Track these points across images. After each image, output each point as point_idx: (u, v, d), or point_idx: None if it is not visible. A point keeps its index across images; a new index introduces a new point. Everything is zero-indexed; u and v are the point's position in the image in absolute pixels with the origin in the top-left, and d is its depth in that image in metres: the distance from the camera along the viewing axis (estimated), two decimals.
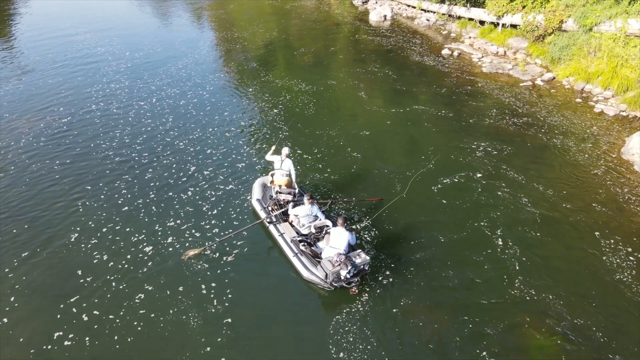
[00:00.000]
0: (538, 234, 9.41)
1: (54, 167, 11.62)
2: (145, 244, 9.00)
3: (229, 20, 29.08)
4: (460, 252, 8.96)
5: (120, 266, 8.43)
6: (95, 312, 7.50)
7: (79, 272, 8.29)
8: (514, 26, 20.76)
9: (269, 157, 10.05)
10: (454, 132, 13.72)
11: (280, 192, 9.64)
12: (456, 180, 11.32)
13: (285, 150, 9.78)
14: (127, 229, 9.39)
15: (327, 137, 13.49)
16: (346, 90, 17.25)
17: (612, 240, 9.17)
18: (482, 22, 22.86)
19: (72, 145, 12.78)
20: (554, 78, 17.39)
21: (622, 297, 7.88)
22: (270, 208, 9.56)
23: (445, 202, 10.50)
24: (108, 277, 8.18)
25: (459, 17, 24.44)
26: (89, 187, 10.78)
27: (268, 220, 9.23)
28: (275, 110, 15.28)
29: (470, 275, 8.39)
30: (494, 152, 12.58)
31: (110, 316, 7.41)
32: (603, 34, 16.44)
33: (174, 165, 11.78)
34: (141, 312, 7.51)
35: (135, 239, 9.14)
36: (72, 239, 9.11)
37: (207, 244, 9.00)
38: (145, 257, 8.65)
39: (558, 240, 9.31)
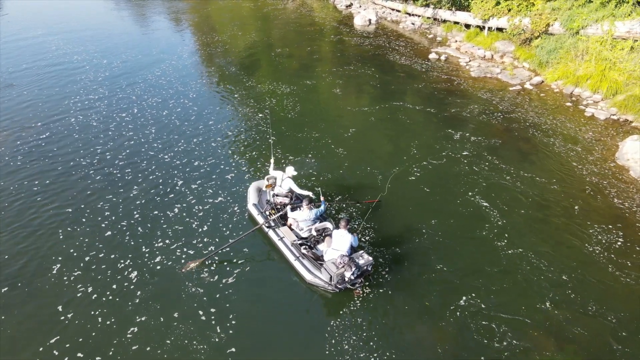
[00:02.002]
0: (536, 233, 9.26)
1: (32, 188, 10.86)
2: (132, 271, 8.38)
3: (207, 24, 28.43)
4: (458, 244, 9.12)
5: (105, 299, 7.78)
6: (79, 354, 6.82)
7: (59, 309, 7.58)
8: (500, 29, 20.71)
9: (271, 172, 9.80)
10: (444, 134, 13.46)
11: (277, 195, 9.50)
12: (446, 175, 11.55)
13: (290, 171, 9.44)
14: (112, 256, 8.75)
15: (314, 140, 13.28)
16: (332, 94, 16.85)
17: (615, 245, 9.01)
18: (467, 26, 22.78)
19: (51, 163, 12.00)
20: (543, 82, 17.34)
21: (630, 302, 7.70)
22: (267, 212, 9.35)
23: (434, 192, 10.76)
24: (93, 312, 7.51)
25: (444, 21, 24.33)
26: (69, 210, 10.08)
27: (266, 225, 9.02)
28: (260, 115, 14.88)
29: (469, 266, 8.55)
30: (484, 153, 12.54)
31: (98, 357, 6.76)
32: (590, 37, 16.44)
33: (160, 181, 11.19)
34: (134, 348, 6.92)
35: (122, 265, 8.52)
36: (54, 270, 8.39)
37: (206, 255, 8.62)
38: (133, 286, 8.04)
39: (553, 232, 9.48)
